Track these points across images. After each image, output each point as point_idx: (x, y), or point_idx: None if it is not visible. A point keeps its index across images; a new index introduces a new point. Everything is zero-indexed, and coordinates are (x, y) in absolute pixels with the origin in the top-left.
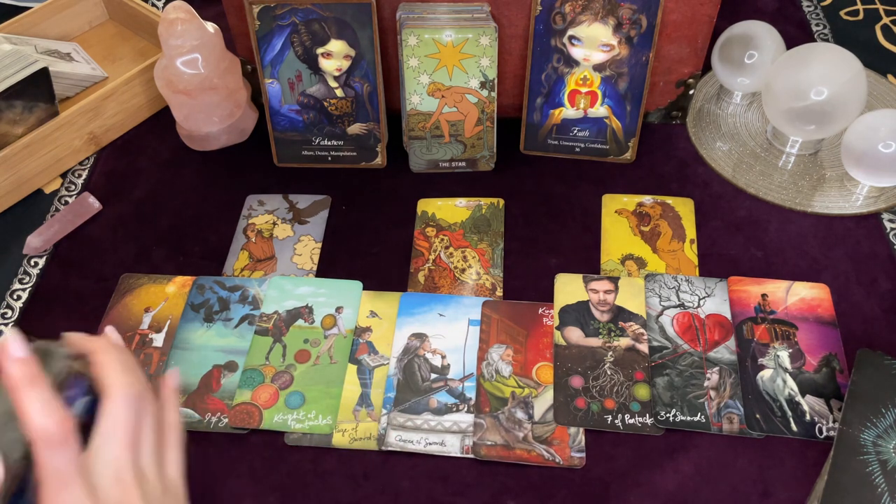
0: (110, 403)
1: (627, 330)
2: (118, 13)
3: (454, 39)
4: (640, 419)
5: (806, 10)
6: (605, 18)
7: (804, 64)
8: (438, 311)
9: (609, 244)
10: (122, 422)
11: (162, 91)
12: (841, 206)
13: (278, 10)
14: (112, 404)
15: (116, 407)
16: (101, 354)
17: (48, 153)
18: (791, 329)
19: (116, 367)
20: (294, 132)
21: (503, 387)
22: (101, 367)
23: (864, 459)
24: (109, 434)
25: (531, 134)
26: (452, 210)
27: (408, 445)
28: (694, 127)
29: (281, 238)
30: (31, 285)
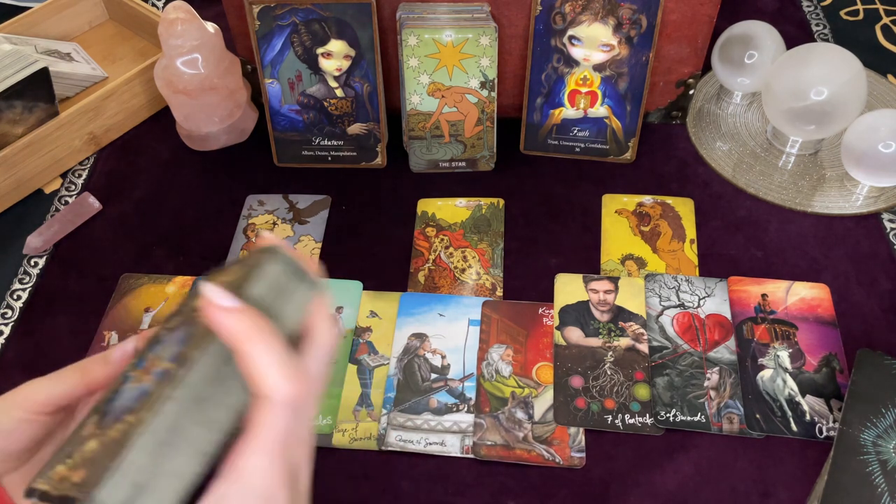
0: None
1: (627, 330)
2: (118, 13)
3: (454, 39)
4: (640, 419)
5: (806, 10)
6: (605, 18)
7: (804, 64)
8: (438, 311)
9: (609, 244)
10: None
11: (162, 91)
12: (841, 206)
13: (278, 10)
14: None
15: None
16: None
17: (48, 153)
18: (791, 329)
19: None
20: (294, 132)
21: (503, 387)
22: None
23: (864, 459)
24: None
25: (531, 134)
26: (452, 210)
27: (408, 445)
28: (694, 127)
29: (281, 238)
30: (31, 285)
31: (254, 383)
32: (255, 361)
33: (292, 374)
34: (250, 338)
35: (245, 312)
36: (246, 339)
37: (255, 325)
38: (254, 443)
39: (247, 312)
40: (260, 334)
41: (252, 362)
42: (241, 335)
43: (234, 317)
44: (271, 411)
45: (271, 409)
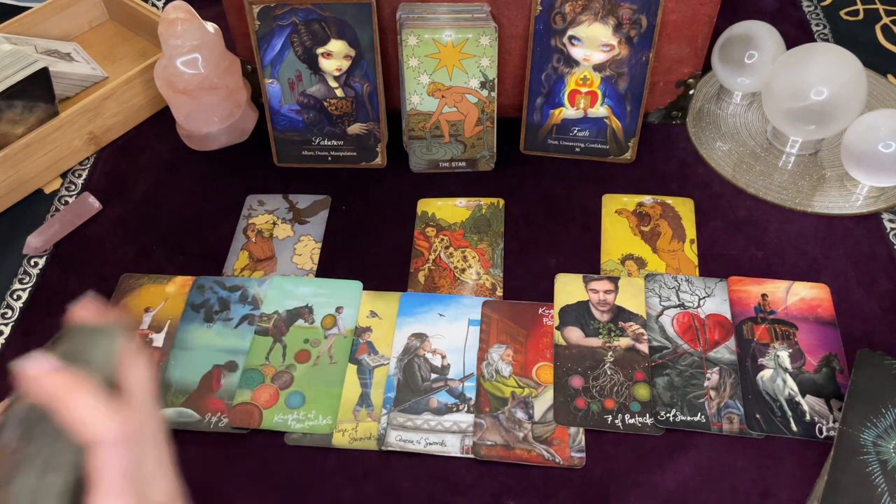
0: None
1: (627, 330)
2: (118, 13)
3: (454, 39)
4: (640, 419)
5: (806, 10)
6: (605, 18)
7: (804, 64)
8: (438, 311)
9: (609, 244)
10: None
11: (162, 91)
12: (841, 206)
13: (278, 10)
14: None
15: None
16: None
17: (48, 153)
18: (791, 329)
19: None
20: (294, 132)
21: (503, 387)
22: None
23: (864, 459)
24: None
25: (531, 134)
26: (452, 210)
27: (408, 445)
28: (694, 127)
29: (281, 238)
30: (31, 285)
31: (81, 433)
32: (75, 412)
33: (112, 412)
34: (63, 393)
35: (55, 372)
36: (60, 396)
37: (65, 380)
38: (100, 490)
39: (57, 372)
40: (72, 387)
41: (72, 414)
42: (55, 393)
43: (46, 379)
44: (104, 453)
45: (103, 451)
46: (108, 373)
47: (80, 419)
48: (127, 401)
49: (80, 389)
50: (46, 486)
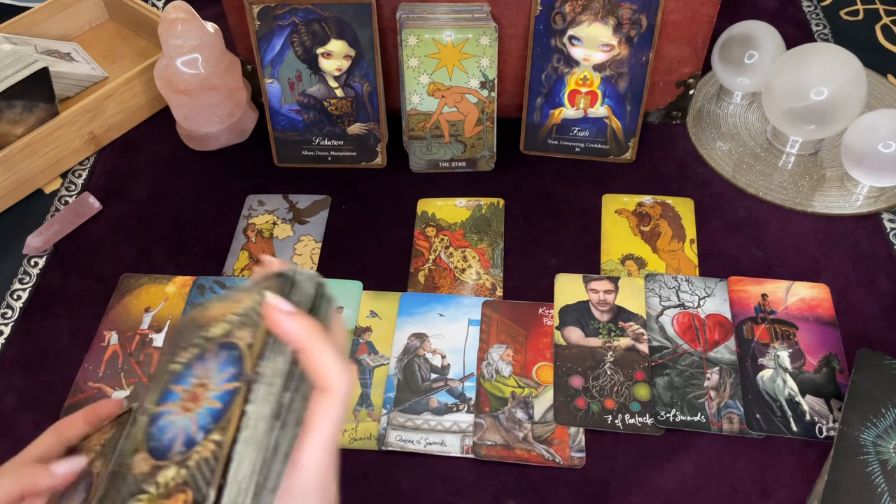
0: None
1: (627, 330)
2: (118, 13)
3: (454, 39)
4: (640, 419)
5: (806, 10)
6: (605, 18)
7: (804, 64)
8: (438, 311)
9: (609, 244)
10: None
11: (162, 91)
12: (841, 206)
13: (278, 10)
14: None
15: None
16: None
17: (48, 153)
18: (791, 329)
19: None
20: (294, 132)
21: (503, 387)
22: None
23: (864, 459)
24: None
25: (531, 134)
26: (452, 210)
27: (408, 445)
28: (694, 127)
29: (281, 238)
30: (31, 285)
31: (319, 378)
32: (319, 359)
33: (346, 368)
34: (312, 337)
35: (304, 316)
36: (309, 339)
37: (314, 326)
38: (314, 436)
39: (305, 316)
40: (319, 335)
41: (316, 360)
42: (305, 335)
43: (296, 320)
44: (332, 403)
45: (332, 400)
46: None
47: (323, 367)
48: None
49: (326, 339)
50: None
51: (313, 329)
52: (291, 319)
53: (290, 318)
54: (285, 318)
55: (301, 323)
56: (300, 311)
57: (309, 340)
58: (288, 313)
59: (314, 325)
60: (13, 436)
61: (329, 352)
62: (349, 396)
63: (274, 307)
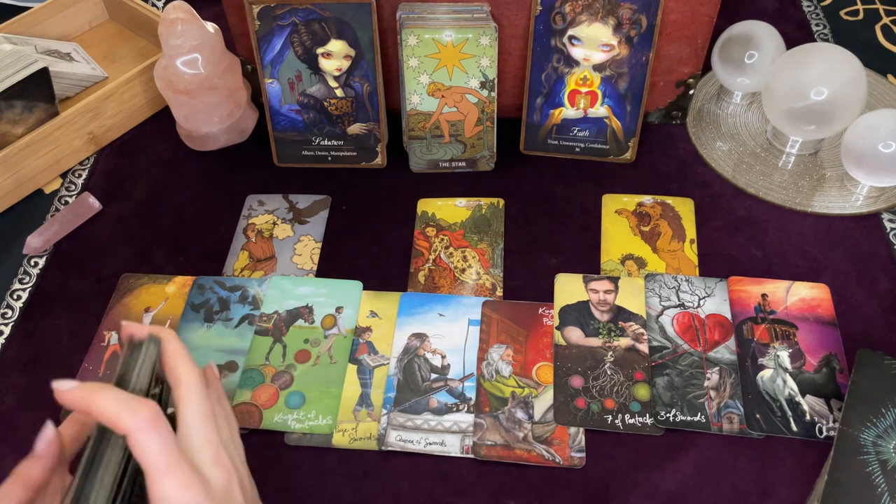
0: (185, 390)
1: (627, 330)
2: (118, 13)
3: (454, 39)
4: (640, 419)
5: (806, 10)
6: (605, 18)
7: (804, 64)
8: (438, 311)
9: (609, 244)
10: (203, 407)
11: (162, 91)
12: (841, 206)
13: (278, 10)
14: (187, 391)
15: (192, 392)
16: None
17: (48, 153)
18: (791, 329)
19: (184, 356)
20: (294, 132)
21: (503, 387)
22: (171, 357)
23: (864, 459)
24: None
25: (531, 134)
26: (452, 210)
27: (408, 445)
28: (694, 127)
29: (281, 238)
30: (31, 285)
31: (115, 426)
32: (103, 411)
33: (135, 404)
34: (86, 398)
35: (78, 385)
36: (84, 402)
37: (88, 387)
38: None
39: (79, 384)
40: (91, 392)
41: (101, 414)
42: (80, 401)
43: (68, 394)
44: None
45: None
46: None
47: (108, 415)
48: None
49: (99, 392)
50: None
51: (89, 390)
52: (68, 394)
53: (67, 394)
54: (64, 394)
55: (76, 392)
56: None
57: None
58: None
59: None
60: (13, 436)
61: (109, 400)
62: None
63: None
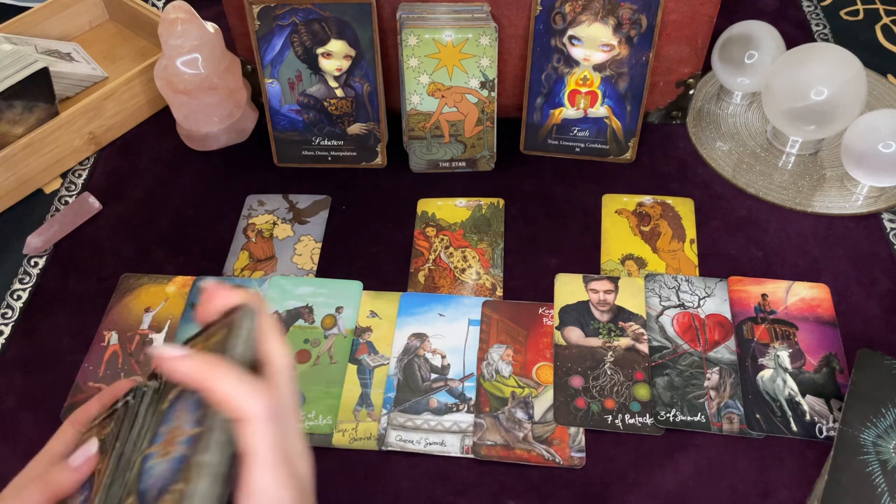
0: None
1: (627, 330)
2: (118, 13)
3: (454, 39)
4: (640, 419)
5: (806, 10)
6: (605, 18)
7: (804, 64)
8: (438, 311)
9: (609, 244)
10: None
11: (162, 91)
12: (841, 206)
13: (278, 10)
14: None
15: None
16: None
17: (48, 153)
18: (791, 329)
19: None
20: (294, 132)
21: (503, 387)
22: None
23: (864, 459)
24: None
25: (531, 134)
26: (452, 210)
27: (408, 445)
28: (694, 127)
29: (281, 238)
30: (31, 285)
31: (228, 409)
32: (219, 390)
33: (255, 389)
34: (205, 373)
35: (191, 355)
36: (202, 376)
37: (204, 361)
38: (253, 461)
39: (193, 354)
40: (212, 367)
41: (216, 392)
42: (197, 374)
43: (184, 362)
44: (253, 428)
45: (252, 426)
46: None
47: (227, 397)
48: (269, 376)
49: (220, 369)
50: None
51: (205, 364)
52: (181, 362)
53: (179, 362)
54: (176, 362)
55: (189, 363)
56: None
57: (202, 379)
58: (174, 358)
59: (204, 360)
60: (13, 436)
61: (226, 382)
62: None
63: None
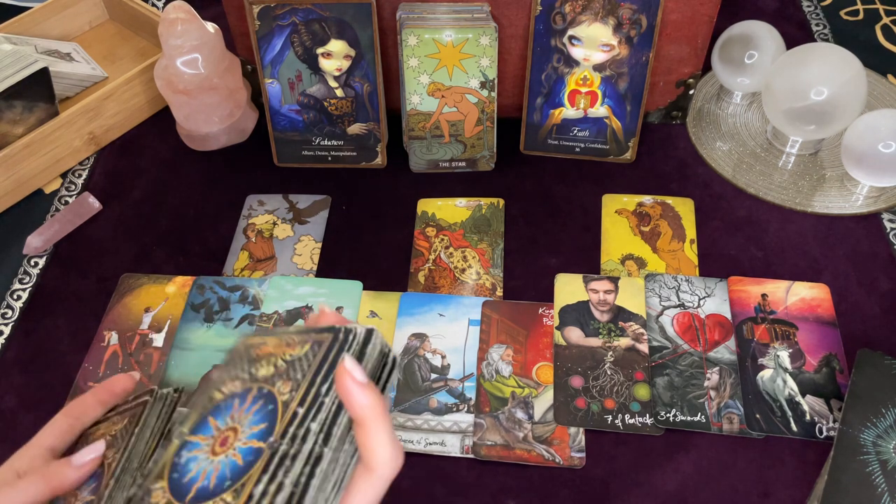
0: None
1: (627, 330)
2: (118, 13)
3: (454, 39)
4: (640, 419)
5: (806, 10)
6: (605, 18)
7: (804, 64)
8: (438, 311)
9: (609, 244)
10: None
11: (162, 91)
12: (841, 206)
13: (278, 10)
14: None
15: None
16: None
17: (48, 153)
18: (791, 329)
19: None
20: (294, 132)
21: (503, 387)
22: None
23: (864, 459)
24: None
25: (531, 134)
26: (452, 210)
27: (408, 445)
28: (694, 127)
29: (281, 238)
30: (31, 285)
31: (367, 457)
32: (375, 437)
33: (397, 453)
34: (376, 415)
35: (373, 389)
36: (372, 416)
37: (379, 402)
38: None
39: (374, 390)
40: (382, 412)
41: (372, 437)
42: (370, 411)
43: (367, 394)
44: (373, 483)
45: (373, 481)
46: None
47: (375, 447)
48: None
49: (386, 418)
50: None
51: (379, 406)
52: (363, 392)
53: (363, 391)
54: (358, 389)
55: (371, 398)
56: (371, 384)
57: (372, 418)
58: (361, 385)
59: (381, 401)
60: (13, 436)
61: (385, 433)
62: (391, 479)
63: (349, 374)
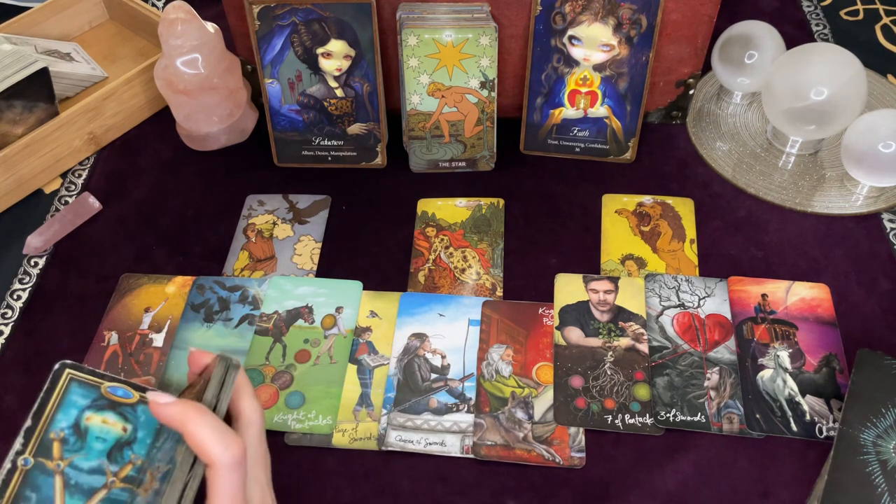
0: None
1: (627, 330)
2: (118, 13)
3: (454, 39)
4: (640, 419)
5: (806, 10)
6: (605, 18)
7: (804, 64)
8: (438, 311)
9: (609, 244)
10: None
11: (162, 91)
12: (841, 206)
13: (278, 10)
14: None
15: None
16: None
17: (48, 153)
18: (791, 329)
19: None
20: (294, 132)
21: (503, 387)
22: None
23: (864, 459)
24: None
25: (531, 134)
26: (452, 210)
27: (408, 445)
28: (694, 127)
29: (281, 238)
30: (31, 285)
31: (202, 453)
32: (199, 435)
33: (229, 440)
34: (188, 417)
35: (179, 402)
36: (184, 419)
37: (191, 406)
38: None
39: (181, 401)
40: (196, 413)
41: (196, 436)
42: (180, 418)
43: (171, 407)
44: (220, 475)
45: (221, 472)
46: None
47: (201, 443)
48: (240, 428)
49: (198, 416)
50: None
51: (192, 409)
52: (167, 407)
53: (166, 407)
54: (162, 407)
55: (177, 406)
56: (176, 399)
57: (186, 421)
58: (164, 404)
59: (192, 405)
60: (13, 436)
61: (206, 426)
62: (240, 464)
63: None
